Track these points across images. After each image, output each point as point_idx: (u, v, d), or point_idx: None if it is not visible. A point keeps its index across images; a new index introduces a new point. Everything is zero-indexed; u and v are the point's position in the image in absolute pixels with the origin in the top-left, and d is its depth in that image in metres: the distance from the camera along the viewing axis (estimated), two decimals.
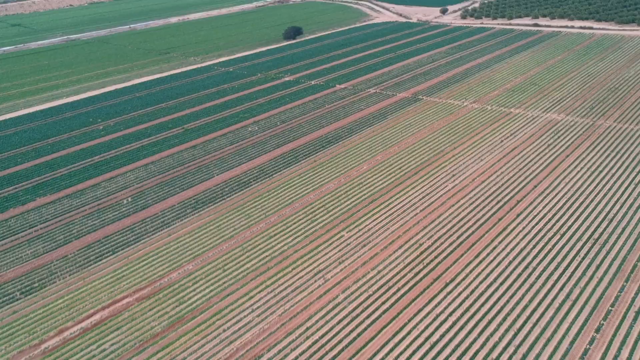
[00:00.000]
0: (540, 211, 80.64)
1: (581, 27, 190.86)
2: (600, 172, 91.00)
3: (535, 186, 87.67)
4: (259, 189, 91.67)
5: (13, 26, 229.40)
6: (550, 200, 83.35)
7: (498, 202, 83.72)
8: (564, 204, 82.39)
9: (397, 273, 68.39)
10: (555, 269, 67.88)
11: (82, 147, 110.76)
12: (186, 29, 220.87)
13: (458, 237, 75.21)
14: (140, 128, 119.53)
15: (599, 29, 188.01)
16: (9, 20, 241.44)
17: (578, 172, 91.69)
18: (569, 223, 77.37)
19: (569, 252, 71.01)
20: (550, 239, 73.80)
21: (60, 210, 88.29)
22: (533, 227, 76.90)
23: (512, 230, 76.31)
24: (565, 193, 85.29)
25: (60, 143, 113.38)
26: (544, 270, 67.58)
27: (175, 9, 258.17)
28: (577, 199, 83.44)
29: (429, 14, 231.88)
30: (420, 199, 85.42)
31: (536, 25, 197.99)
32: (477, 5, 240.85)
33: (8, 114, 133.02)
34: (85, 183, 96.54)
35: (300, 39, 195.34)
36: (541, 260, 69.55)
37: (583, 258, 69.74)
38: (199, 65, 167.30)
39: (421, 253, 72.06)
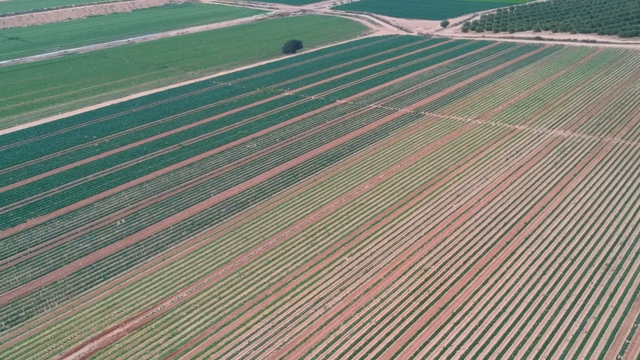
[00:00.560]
0: (549, 234, 77.57)
1: (584, 41, 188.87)
2: (610, 192, 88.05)
3: (543, 207, 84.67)
4: (257, 209, 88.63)
5: (10, 40, 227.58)
6: (559, 223, 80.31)
7: (505, 224, 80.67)
8: (574, 226, 79.34)
9: (402, 302, 65.16)
10: (567, 297, 64.68)
11: (76, 165, 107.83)
12: (185, 42, 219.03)
13: (464, 262, 72.06)
14: (136, 145, 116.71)
15: (602, 42, 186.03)
16: (7, 33, 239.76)
17: (587, 192, 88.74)
18: (580, 247, 74.28)
19: (580, 278, 67.86)
20: (560, 265, 70.67)
21: (52, 232, 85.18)
22: (542, 251, 73.79)
23: (520, 255, 73.20)
24: (575, 214, 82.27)
25: (53, 161, 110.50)
26: (555, 299, 64.38)
27: (175, 23, 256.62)
28: (587, 221, 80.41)
29: (430, 27, 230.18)
30: (425, 221, 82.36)
31: (538, 38, 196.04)
32: (478, 18, 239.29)
33: (2, 130, 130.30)
34: (78, 203, 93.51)
35: (300, 53, 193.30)
36: (552, 288, 66.36)
37: (596, 285, 66.57)
38: (198, 80, 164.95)
39: (426, 280, 68.88)
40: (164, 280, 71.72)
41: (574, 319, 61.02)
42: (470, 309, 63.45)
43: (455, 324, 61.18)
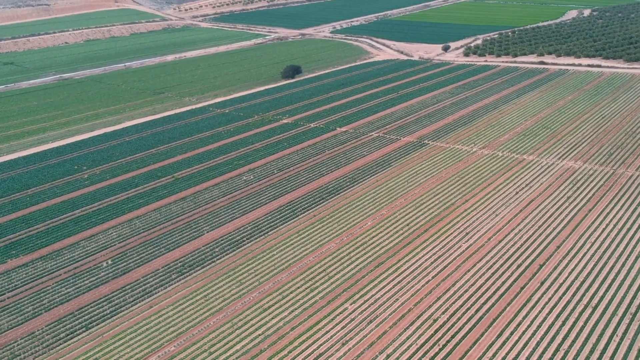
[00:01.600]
0: (566, 278, 72.11)
1: (589, 65, 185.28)
2: (629, 229, 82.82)
3: (558, 247, 79.33)
4: (252, 249, 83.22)
5: (5, 65, 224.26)
6: (576, 265, 74.92)
7: (518, 266, 75.24)
8: (592, 268, 73.93)
9: (410, 358, 59.38)
10: (591, 352, 58.98)
11: (64, 199, 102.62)
12: (182, 67, 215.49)
13: (477, 311, 66.45)
14: (128, 177, 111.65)
15: (608, 67, 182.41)
16: (2, 58, 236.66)
17: (603, 229, 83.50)
18: (601, 293, 68.77)
19: (604, 330, 62.24)
20: (581, 314, 65.08)
21: (33, 275, 79.62)
22: (560, 297, 68.27)
23: (537, 302, 67.63)
24: (592, 255, 76.92)
25: (40, 194, 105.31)
26: (577, 355, 58.66)
27: (173, 47, 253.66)
28: (606, 263, 75.02)
29: (431, 51, 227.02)
30: (432, 263, 76.90)
31: (542, 63, 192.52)
32: (479, 42, 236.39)
33: None
34: (62, 242, 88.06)
35: (300, 78, 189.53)
36: (573, 342, 60.71)
37: (622, 338, 60.92)
38: (194, 107, 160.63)
39: (436, 331, 63.21)
40: (150, 332, 65.97)
41: None
42: None
43: None
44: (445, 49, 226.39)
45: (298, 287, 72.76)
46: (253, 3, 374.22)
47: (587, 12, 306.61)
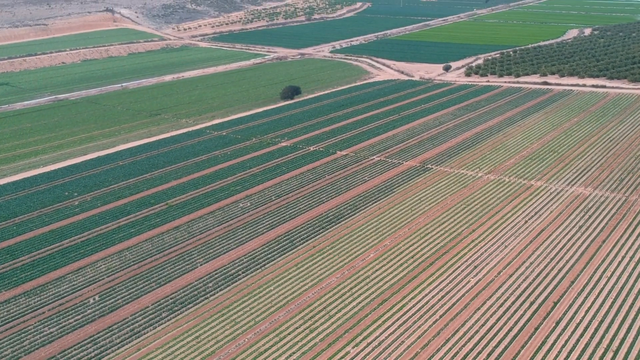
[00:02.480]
0: (582, 317, 67.48)
1: (593, 86, 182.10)
2: None
3: (572, 282, 74.78)
4: (248, 284, 78.59)
5: (0, 85, 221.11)
6: (592, 302, 70.32)
7: (531, 303, 70.60)
8: (611, 306, 69.32)
9: None
10: None
11: (52, 229, 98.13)
12: (180, 87, 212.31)
13: (488, 355, 61.69)
14: (120, 204, 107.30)
15: (613, 87, 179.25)
16: None
17: (619, 262, 79.02)
18: (621, 335, 64.11)
19: None
20: (602, 359, 60.29)
21: (15, 312, 74.91)
22: (578, 340, 63.57)
23: (553, 345, 62.93)
24: (610, 291, 72.36)
25: (27, 223, 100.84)
26: None
27: (171, 67, 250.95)
28: (625, 300, 70.44)
29: (432, 70, 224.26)
30: (439, 300, 72.25)
31: (545, 83, 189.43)
32: (480, 62, 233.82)
33: None
34: (48, 275, 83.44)
35: (299, 99, 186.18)
36: None
37: None
38: (191, 129, 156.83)
39: None
40: None
41: None
42: None
43: None
44: (447, 68, 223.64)
45: (296, 328, 68.03)
46: (252, 22, 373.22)
47: (587, 31, 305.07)
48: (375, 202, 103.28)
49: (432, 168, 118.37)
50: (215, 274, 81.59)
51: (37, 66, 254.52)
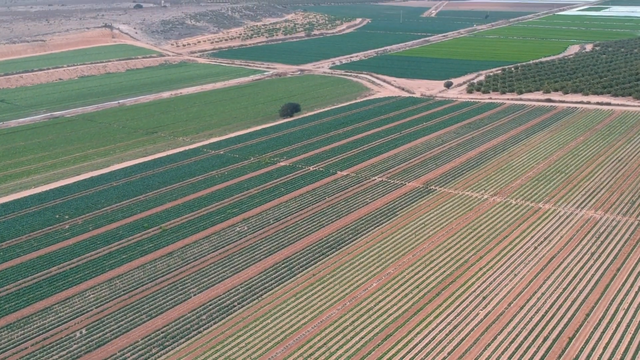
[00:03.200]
0: (601, 355, 63.28)
1: (598, 103, 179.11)
2: None
3: (588, 315, 70.58)
4: (244, 316, 74.31)
5: None
6: (610, 338, 66.08)
7: (545, 339, 66.34)
8: (630, 342, 65.06)
9: None
10: None
11: (40, 254, 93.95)
12: (178, 104, 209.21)
13: None
14: (112, 228, 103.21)
15: (618, 105, 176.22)
16: None
17: (636, 293, 74.89)
18: None
19: None
20: None
21: None
22: None
23: None
24: (628, 325, 68.13)
25: (15, 248, 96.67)
26: None
27: (169, 83, 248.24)
28: None
29: (433, 87, 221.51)
30: (447, 335, 67.98)
31: (549, 100, 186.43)
32: (482, 78, 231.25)
33: None
34: (34, 306, 79.15)
35: (298, 116, 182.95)
36: None
37: None
38: (187, 148, 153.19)
39: None
40: None
41: None
42: None
43: None
44: (448, 85, 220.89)
45: None
46: (251, 38, 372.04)
47: (589, 47, 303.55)
48: (378, 226, 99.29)
49: (436, 189, 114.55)
50: (210, 304, 77.35)
51: (33, 82, 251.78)
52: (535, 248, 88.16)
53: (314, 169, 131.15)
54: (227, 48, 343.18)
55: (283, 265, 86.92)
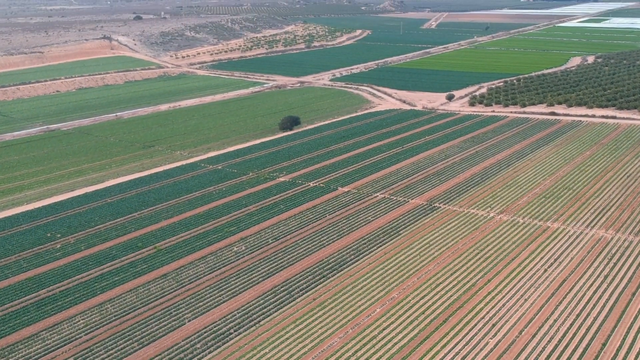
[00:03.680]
0: None
1: (603, 116, 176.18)
2: None
3: (604, 345, 66.83)
4: (240, 345, 70.49)
5: None
6: None
7: None
8: None
9: None
10: None
11: (29, 276, 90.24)
12: (176, 117, 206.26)
13: None
14: (105, 247, 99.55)
15: (623, 118, 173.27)
16: None
17: None
18: None
19: None
20: None
21: None
22: None
23: None
24: None
25: (3, 269, 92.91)
26: None
27: (167, 95, 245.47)
28: None
29: (434, 100, 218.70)
30: None
31: (553, 113, 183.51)
32: (484, 90, 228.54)
33: None
34: (20, 332, 75.35)
35: (298, 130, 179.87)
36: None
37: None
38: (185, 162, 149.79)
39: None
40: None
41: None
42: None
43: None
44: (450, 98, 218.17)
45: None
46: (251, 50, 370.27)
47: (591, 59, 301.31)
48: (381, 246, 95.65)
49: (440, 207, 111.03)
50: (205, 331, 73.54)
51: (30, 95, 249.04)
52: (545, 270, 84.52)
53: (315, 184, 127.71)
54: (226, 60, 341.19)
55: (282, 289, 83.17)
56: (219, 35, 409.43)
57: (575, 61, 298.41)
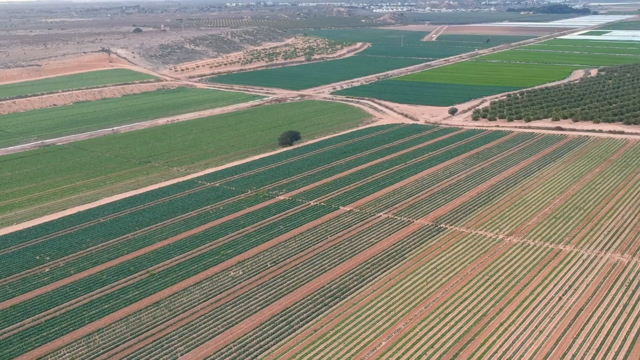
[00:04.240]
0: None
1: (610, 132, 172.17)
2: None
3: None
4: None
5: None
6: None
7: None
8: None
9: None
10: None
11: (14, 303, 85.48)
12: (174, 131, 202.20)
13: None
14: (95, 271, 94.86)
15: (631, 133, 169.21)
16: None
17: None
18: None
19: None
20: None
21: None
22: None
23: None
24: None
25: None
26: None
27: (165, 109, 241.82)
28: None
29: (437, 114, 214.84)
30: None
31: (559, 128, 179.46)
32: (487, 104, 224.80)
33: None
34: None
35: (298, 145, 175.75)
36: None
37: None
38: (181, 179, 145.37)
39: None
40: None
41: None
42: None
43: None
44: (452, 112, 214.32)
45: None
46: (251, 63, 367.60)
47: (594, 72, 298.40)
48: (385, 271, 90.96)
49: (446, 228, 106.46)
50: None
51: (26, 108, 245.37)
52: (560, 299, 79.80)
53: (315, 203, 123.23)
54: (226, 73, 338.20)
55: (281, 319, 78.39)
56: (218, 48, 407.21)
57: (578, 74, 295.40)
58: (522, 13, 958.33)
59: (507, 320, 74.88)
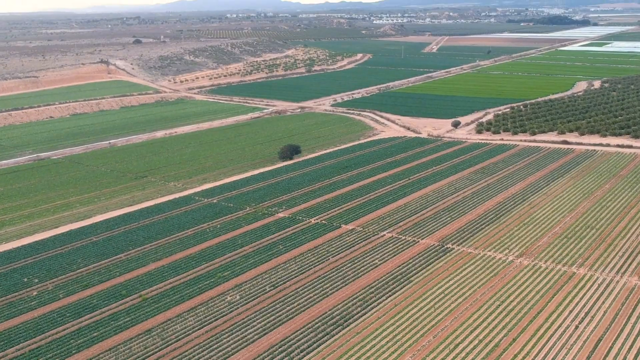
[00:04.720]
0: None
1: (618, 146, 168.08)
2: None
3: None
4: None
5: None
6: None
7: None
8: None
9: None
10: None
11: None
12: (171, 144, 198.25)
13: None
14: (85, 295, 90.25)
15: None
16: None
17: None
18: None
19: None
20: None
21: None
22: None
23: None
24: None
25: None
26: None
27: (163, 122, 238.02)
28: None
29: (440, 127, 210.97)
30: None
31: (565, 142, 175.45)
32: (491, 117, 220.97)
33: None
34: None
35: (299, 159, 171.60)
36: None
37: None
38: (178, 195, 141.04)
39: None
40: None
41: None
42: None
43: None
44: (455, 124, 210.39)
45: None
46: (251, 74, 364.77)
47: (597, 84, 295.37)
48: (390, 295, 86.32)
49: (453, 248, 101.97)
50: None
51: (22, 121, 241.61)
52: (577, 327, 75.17)
53: (316, 221, 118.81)
54: (226, 84, 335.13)
55: (280, 350, 73.64)
56: (218, 60, 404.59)
57: (581, 86, 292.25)
58: (522, 24, 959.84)
59: (521, 352, 70.22)
